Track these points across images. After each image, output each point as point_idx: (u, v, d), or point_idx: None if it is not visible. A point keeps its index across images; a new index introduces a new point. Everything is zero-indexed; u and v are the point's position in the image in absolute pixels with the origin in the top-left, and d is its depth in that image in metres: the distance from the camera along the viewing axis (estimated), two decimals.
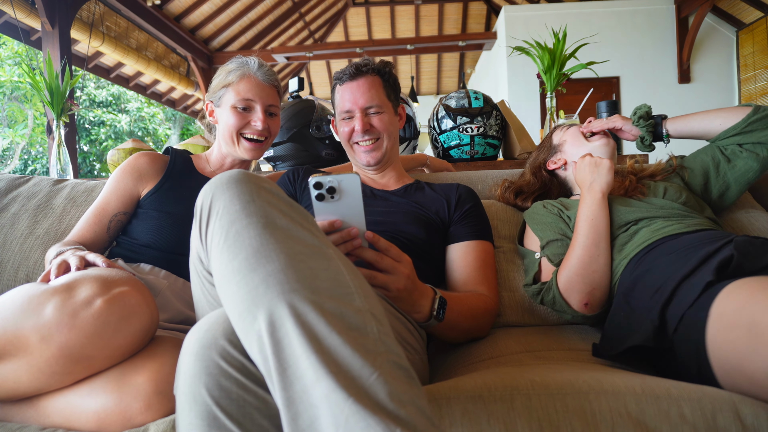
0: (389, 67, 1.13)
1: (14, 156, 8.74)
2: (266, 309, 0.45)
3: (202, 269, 0.63)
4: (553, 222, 1.04)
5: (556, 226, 1.03)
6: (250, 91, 1.08)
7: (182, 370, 0.49)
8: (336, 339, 0.44)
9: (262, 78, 1.10)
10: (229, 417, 0.46)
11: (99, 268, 0.76)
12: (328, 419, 0.40)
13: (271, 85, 1.12)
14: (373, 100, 1.08)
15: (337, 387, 0.41)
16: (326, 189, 0.66)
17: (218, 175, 0.59)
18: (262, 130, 1.09)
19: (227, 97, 1.09)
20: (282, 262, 0.49)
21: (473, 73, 9.01)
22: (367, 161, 1.10)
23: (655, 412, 0.54)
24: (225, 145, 1.12)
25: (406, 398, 0.42)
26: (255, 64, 1.10)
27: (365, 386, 0.42)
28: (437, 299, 0.79)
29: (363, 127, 1.07)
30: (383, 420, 0.39)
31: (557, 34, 1.81)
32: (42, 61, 4.49)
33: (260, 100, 1.09)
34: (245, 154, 1.11)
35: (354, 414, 0.39)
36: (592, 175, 0.99)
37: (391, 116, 1.12)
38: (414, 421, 0.41)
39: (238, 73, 1.08)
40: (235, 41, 6.74)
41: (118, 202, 1.04)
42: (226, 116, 1.09)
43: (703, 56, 5.76)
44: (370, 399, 0.41)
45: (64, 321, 0.63)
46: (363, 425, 0.39)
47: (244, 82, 1.08)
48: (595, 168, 0.99)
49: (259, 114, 1.09)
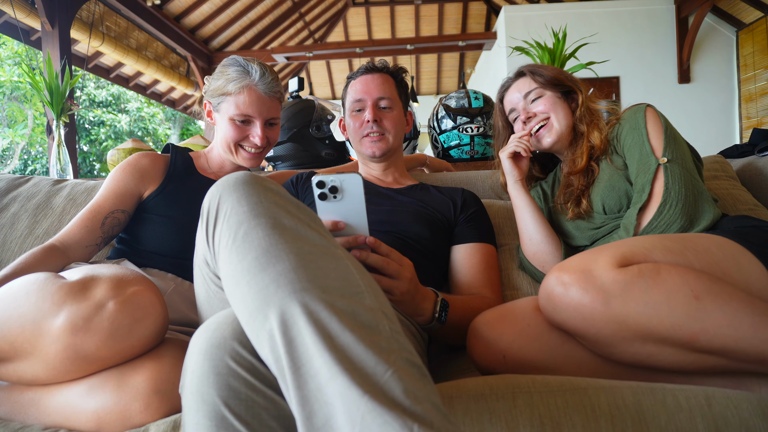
0: (402, 71, 1.16)
1: (14, 156, 8.74)
2: (278, 308, 0.45)
3: (208, 271, 0.63)
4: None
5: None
6: (250, 107, 1.03)
7: (189, 369, 0.49)
8: (349, 337, 0.44)
9: (263, 90, 1.04)
10: (237, 418, 0.45)
11: (112, 266, 0.76)
12: (344, 417, 0.40)
13: (272, 97, 1.06)
14: (385, 93, 1.09)
15: (352, 384, 0.40)
16: (329, 188, 0.66)
17: (225, 177, 0.59)
18: (260, 145, 1.07)
19: (225, 106, 1.05)
20: (292, 262, 0.49)
21: (473, 73, 9.01)
22: (372, 152, 1.10)
23: (652, 402, 0.56)
24: (223, 152, 1.10)
25: (421, 395, 0.42)
26: (257, 74, 1.04)
27: (380, 383, 0.41)
28: (439, 302, 0.80)
29: (374, 116, 1.07)
30: (400, 416, 0.39)
31: (557, 34, 1.81)
32: (42, 61, 4.49)
33: (260, 115, 1.05)
34: (244, 163, 1.10)
35: (370, 411, 0.39)
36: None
37: (400, 115, 1.13)
38: (430, 417, 0.40)
39: (238, 85, 1.03)
40: (235, 41, 6.74)
41: (115, 200, 1.02)
42: (224, 126, 1.06)
43: (703, 56, 5.76)
44: (386, 396, 0.41)
45: (79, 325, 0.63)
46: (380, 422, 0.39)
47: (244, 96, 1.03)
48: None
49: (258, 130, 1.05)
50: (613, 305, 0.62)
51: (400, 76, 1.15)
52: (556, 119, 1.04)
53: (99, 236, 1.01)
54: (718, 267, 0.68)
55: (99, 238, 1.01)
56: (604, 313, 0.63)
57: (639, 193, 0.89)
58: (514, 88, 1.09)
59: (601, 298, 0.63)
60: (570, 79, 1.06)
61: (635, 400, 0.56)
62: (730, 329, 0.60)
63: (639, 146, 0.91)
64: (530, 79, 1.07)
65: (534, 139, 1.06)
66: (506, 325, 0.75)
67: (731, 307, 0.61)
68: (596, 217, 0.99)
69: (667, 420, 0.54)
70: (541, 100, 1.05)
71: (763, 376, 0.66)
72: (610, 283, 0.63)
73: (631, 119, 0.95)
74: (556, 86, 1.05)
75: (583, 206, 0.99)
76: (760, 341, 0.60)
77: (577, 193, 1.01)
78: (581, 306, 0.64)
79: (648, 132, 0.92)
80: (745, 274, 0.69)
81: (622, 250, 0.68)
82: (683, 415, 0.54)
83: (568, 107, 1.05)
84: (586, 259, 0.68)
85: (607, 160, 0.99)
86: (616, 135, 0.98)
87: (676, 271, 0.64)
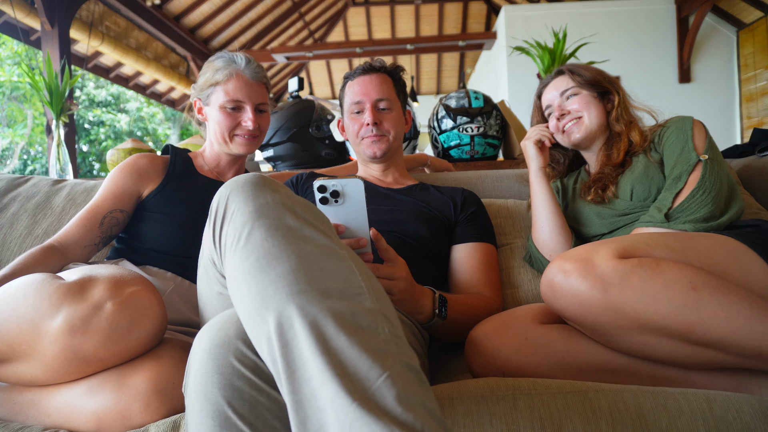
0: (400, 70, 1.15)
1: (13, 156, 8.74)
2: (275, 311, 0.45)
3: (214, 271, 0.63)
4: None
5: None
6: (239, 91, 1.06)
7: (193, 369, 0.49)
8: (344, 340, 0.43)
9: (250, 75, 1.07)
10: (240, 417, 0.45)
11: (110, 266, 0.76)
12: (335, 424, 0.39)
13: (259, 82, 1.10)
14: (384, 94, 1.09)
15: (341, 391, 0.40)
16: (330, 193, 0.67)
17: (234, 178, 0.59)
18: (253, 130, 1.08)
19: (216, 96, 1.07)
20: (292, 264, 0.48)
21: (473, 73, 9.00)
22: (373, 152, 1.10)
23: (653, 405, 0.56)
24: (216, 144, 1.11)
25: (415, 401, 0.41)
26: (242, 61, 1.07)
27: (372, 389, 0.41)
28: (437, 298, 0.80)
29: (373, 119, 1.07)
30: (387, 425, 0.39)
31: (557, 34, 1.81)
32: (41, 60, 4.49)
33: (250, 100, 1.07)
34: (239, 149, 1.10)
35: (358, 419, 0.39)
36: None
37: (399, 115, 1.12)
38: (422, 424, 0.40)
39: (225, 72, 1.06)
40: (235, 41, 6.74)
41: (114, 200, 1.03)
42: (215, 116, 1.07)
43: (703, 56, 5.76)
44: (376, 403, 0.40)
45: (77, 326, 0.63)
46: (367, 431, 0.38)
47: (233, 82, 1.06)
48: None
49: (249, 114, 1.07)
50: (611, 293, 0.64)
51: (398, 75, 1.15)
52: (588, 117, 1.05)
53: (97, 236, 1.01)
54: (719, 266, 0.69)
55: (97, 238, 1.01)
56: (602, 301, 0.64)
57: (674, 181, 0.90)
58: (552, 86, 1.11)
59: (599, 285, 0.64)
60: (608, 80, 1.08)
61: (636, 403, 0.56)
62: (727, 321, 0.61)
63: (682, 143, 0.94)
64: (569, 77, 1.09)
65: (564, 135, 1.08)
66: (505, 337, 0.75)
67: (728, 300, 0.62)
68: (619, 203, 1.00)
69: (669, 423, 0.54)
70: (576, 98, 1.07)
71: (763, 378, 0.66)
72: (609, 272, 0.65)
73: (679, 123, 0.98)
74: (593, 86, 1.07)
75: (610, 191, 1.01)
76: (757, 334, 0.61)
77: (605, 181, 1.03)
78: (580, 293, 0.66)
79: (693, 134, 0.94)
80: (746, 272, 0.69)
81: (624, 244, 0.69)
82: (684, 419, 0.54)
83: (603, 107, 1.07)
84: (588, 249, 0.69)
85: (645, 155, 1.00)
86: (659, 134, 1.00)
87: (676, 265, 0.65)
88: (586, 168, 1.16)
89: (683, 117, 0.99)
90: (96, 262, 1.03)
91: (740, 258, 0.71)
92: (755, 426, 0.54)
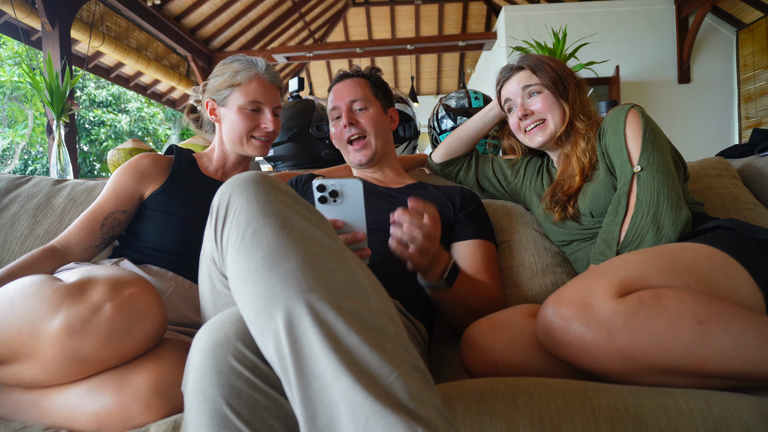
0: (376, 71, 1.17)
1: (14, 156, 8.74)
2: (284, 307, 0.45)
3: (215, 270, 0.63)
4: None
5: None
6: (260, 94, 1.08)
7: (192, 368, 0.49)
8: (355, 338, 0.44)
9: (269, 79, 1.11)
10: (239, 417, 0.45)
11: (109, 267, 0.76)
12: (348, 418, 0.40)
13: (276, 86, 1.13)
14: (357, 95, 1.11)
15: (357, 385, 0.40)
16: (329, 192, 0.67)
17: (235, 177, 0.59)
18: (270, 132, 1.11)
19: (234, 97, 1.08)
20: (300, 262, 0.49)
21: (473, 73, 9.00)
22: (358, 160, 1.12)
23: (652, 405, 0.56)
24: (230, 144, 1.12)
25: (425, 399, 0.42)
26: (263, 65, 1.11)
27: (385, 385, 0.41)
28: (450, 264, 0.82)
29: (348, 119, 1.09)
30: (404, 419, 0.39)
31: (557, 34, 1.81)
32: (42, 61, 4.49)
33: (269, 102, 1.10)
34: (254, 152, 1.12)
35: (375, 413, 0.39)
36: None
37: (378, 113, 1.13)
38: (434, 420, 0.40)
39: (246, 75, 1.08)
40: (235, 41, 6.74)
41: (116, 201, 1.03)
42: (233, 117, 1.09)
43: (703, 56, 5.76)
44: (391, 398, 0.40)
45: (76, 327, 0.63)
46: (384, 424, 0.39)
47: (253, 84, 1.08)
48: None
49: (268, 116, 1.10)
50: (617, 339, 0.60)
51: (373, 76, 1.17)
52: (552, 121, 1.04)
53: (99, 237, 1.01)
54: (710, 281, 0.67)
55: (99, 239, 1.01)
56: (609, 348, 0.61)
57: (615, 206, 0.91)
58: (515, 79, 1.09)
59: (603, 333, 0.61)
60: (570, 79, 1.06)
61: (635, 403, 0.56)
62: (738, 351, 0.59)
63: (619, 153, 0.93)
64: (530, 74, 1.06)
65: (526, 136, 1.08)
66: (498, 332, 0.75)
67: (736, 328, 0.60)
68: (583, 219, 1.01)
69: (668, 423, 0.54)
70: (539, 98, 1.05)
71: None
72: (611, 316, 0.61)
73: (613, 123, 0.96)
74: (555, 86, 1.05)
75: (570, 212, 1.02)
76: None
77: (564, 200, 1.03)
78: (584, 343, 0.62)
79: (626, 137, 0.92)
80: (734, 284, 0.68)
81: (618, 277, 0.66)
82: (683, 418, 0.54)
83: (566, 108, 1.05)
84: (582, 290, 0.66)
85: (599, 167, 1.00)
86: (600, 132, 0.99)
87: (676, 295, 0.62)
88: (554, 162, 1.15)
89: (618, 110, 0.96)
90: (97, 262, 1.03)
91: (726, 270, 0.69)
92: (754, 425, 0.54)
